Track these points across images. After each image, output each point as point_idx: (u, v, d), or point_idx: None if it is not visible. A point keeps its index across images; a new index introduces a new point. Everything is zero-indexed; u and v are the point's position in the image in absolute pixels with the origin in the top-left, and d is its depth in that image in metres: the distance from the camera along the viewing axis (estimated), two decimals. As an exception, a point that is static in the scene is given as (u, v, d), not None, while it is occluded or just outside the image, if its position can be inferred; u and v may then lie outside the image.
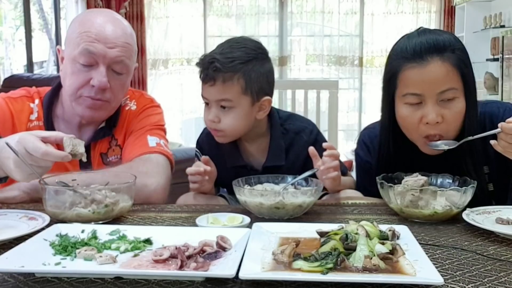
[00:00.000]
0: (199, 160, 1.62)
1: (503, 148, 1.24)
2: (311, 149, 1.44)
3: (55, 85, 1.64)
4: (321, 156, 1.43)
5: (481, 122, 1.43)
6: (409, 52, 1.34)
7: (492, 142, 1.25)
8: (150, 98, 1.74)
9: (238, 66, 1.47)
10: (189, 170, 1.48)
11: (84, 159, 1.32)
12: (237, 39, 1.56)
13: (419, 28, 1.44)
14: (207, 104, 1.53)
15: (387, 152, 1.47)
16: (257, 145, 1.61)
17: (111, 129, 1.63)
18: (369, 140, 1.58)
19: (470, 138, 1.32)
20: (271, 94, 1.56)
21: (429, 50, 1.32)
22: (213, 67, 1.46)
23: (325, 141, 1.64)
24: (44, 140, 1.26)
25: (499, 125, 1.22)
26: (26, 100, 1.62)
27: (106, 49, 1.49)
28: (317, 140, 1.60)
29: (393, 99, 1.40)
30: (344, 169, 1.62)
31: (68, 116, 1.61)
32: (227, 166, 1.55)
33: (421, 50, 1.33)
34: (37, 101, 1.63)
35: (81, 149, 1.30)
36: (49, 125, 1.58)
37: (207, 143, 1.62)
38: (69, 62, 1.53)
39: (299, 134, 1.60)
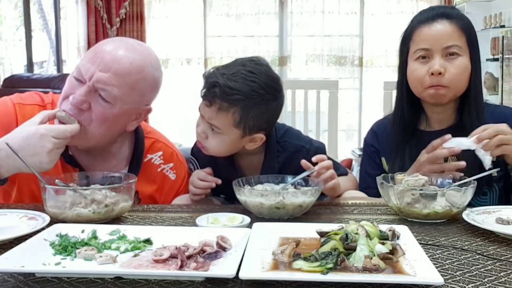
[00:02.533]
0: (195, 167, 1.61)
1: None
2: (303, 162, 1.42)
3: None
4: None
5: (500, 116, 1.55)
6: (422, 18, 1.54)
7: None
8: (184, 164, 1.67)
9: (238, 100, 1.38)
10: (199, 184, 1.47)
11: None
12: (253, 68, 1.42)
13: (432, 6, 1.64)
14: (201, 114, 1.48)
15: (401, 115, 1.60)
16: (251, 161, 1.56)
17: None
18: (377, 128, 1.72)
19: (471, 178, 1.34)
20: (268, 131, 1.49)
21: (439, 15, 1.52)
22: (212, 92, 1.39)
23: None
24: (44, 122, 1.36)
25: None
26: (37, 109, 1.50)
27: (96, 71, 1.37)
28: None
29: (405, 63, 1.56)
30: (344, 170, 1.63)
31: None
32: (221, 177, 1.49)
33: (432, 15, 1.53)
34: None
35: (73, 119, 1.39)
36: None
37: (202, 152, 1.56)
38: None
39: (295, 154, 1.53)
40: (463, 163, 1.41)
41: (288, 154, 1.55)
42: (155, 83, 1.48)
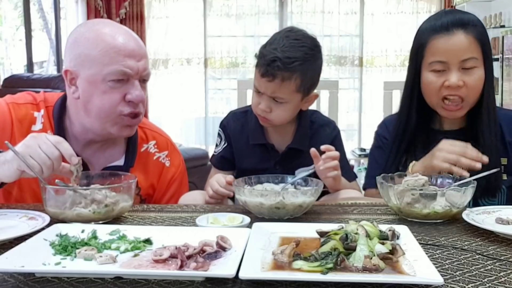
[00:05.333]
0: (222, 139, 1.72)
1: None
2: (313, 150, 1.48)
3: (61, 98, 1.55)
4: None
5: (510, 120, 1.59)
6: (438, 26, 1.51)
7: None
8: (178, 151, 1.73)
9: (298, 66, 1.53)
10: (221, 191, 1.47)
11: (73, 182, 1.32)
12: (296, 36, 1.58)
13: (445, 9, 1.58)
14: (258, 92, 1.59)
15: (406, 120, 1.60)
16: (283, 129, 1.68)
17: (127, 169, 1.56)
18: (389, 121, 1.74)
19: (471, 178, 1.34)
20: (316, 86, 1.66)
21: (455, 24, 1.49)
22: (275, 66, 1.52)
23: (341, 140, 1.73)
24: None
25: None
26: (30, 108, 1.52)
27: (138, 64, 1.46)
28: (337, 136, 1.72)
29: (419, 69, 1.55)
30: (353, 175, 1.70)
31: (76, 133, 1.53)
32: (250, 142, 1.66)
33: (447, 24, 1.49)
34: (42, 111, 1.53)
35: (80, 173, 1.32)
36: None
37: (232, 121, 1.73)
38: (94, 83, 1.43)
39: (323, 127, 1.71)
40: (486, 158, 1.39)
41: (317, 126, 1.71)
42: None
